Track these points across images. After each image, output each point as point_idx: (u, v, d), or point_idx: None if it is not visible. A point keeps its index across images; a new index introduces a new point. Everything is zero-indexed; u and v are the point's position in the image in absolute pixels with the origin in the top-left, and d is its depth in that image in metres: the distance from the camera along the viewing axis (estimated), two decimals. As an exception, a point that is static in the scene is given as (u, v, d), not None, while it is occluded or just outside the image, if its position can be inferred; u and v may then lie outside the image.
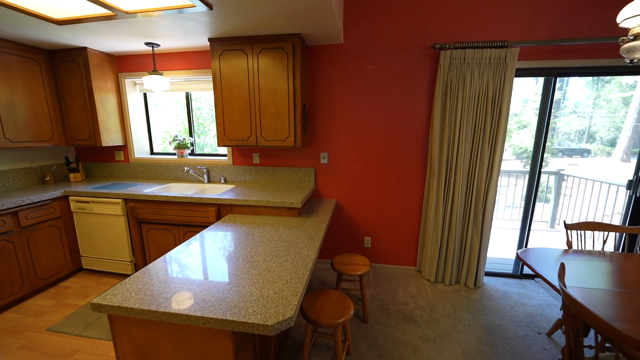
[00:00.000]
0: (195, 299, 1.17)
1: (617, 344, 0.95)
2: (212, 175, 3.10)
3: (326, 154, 2.86)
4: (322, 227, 2.03)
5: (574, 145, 9.51)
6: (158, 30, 2.31)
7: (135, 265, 2.76)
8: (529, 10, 2.32)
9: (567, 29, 2.30)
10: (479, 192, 2.50)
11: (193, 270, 1.41)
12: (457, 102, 2.40)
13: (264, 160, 2.98)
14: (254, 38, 2.38)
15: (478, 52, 2.29)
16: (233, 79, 2.48)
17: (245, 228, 2.00)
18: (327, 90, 2.74)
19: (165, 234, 2.60)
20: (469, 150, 2.47)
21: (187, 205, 2.46)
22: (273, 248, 1.67)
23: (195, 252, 1.61)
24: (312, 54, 2.71)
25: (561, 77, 2.45)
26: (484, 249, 2.60)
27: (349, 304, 1.66)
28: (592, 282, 1.54)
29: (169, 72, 2.97)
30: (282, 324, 1.06)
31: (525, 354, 1.90)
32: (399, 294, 2.57)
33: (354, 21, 2.58)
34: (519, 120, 7.41)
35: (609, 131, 8.93)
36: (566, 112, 8.75)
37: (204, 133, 3.51)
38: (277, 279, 1.33)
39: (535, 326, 2.17)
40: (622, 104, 8.12)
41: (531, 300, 2.49)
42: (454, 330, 2.12)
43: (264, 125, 2.50)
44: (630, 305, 1.33)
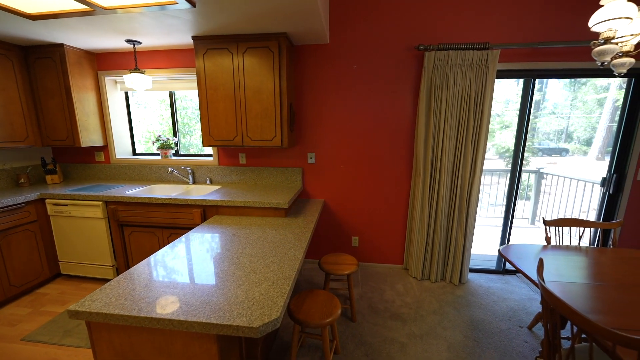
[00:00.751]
0: (179, 303, 1.14)
1: (591, 334, 0.99)
2: (198, 176, 3.04)
3: (313, 154, 2.86)
4: (309, 227, 2.02)
5: (553, 145, 9.89)
6: (139, 28, 2.25)
7: (117, 269, 2.68)
8: (509, 14, 2.39)
9: (545, 33, 2.39)
10: (462, 191, 2.56)
11: (177, 273, 1.38)
12: (441, 102, 2.45)
13: (251, 161, 2.95)
14: (239, 37, 2.35)
15: (461, 54, 2.34)
16: (218, 78, 2.44)
17: (231, 229, 1.97)
18: (314, 90, 2.74)
19: (149, 236, 2.53)
20: (452, 149, 2.52)
21: (171, 206, 2.40)
22: (260, 249, 1.65)
23: (179, 254, 1.58)
24: (298, 54, 2.70)
25: (540, 79, 2.54)
26: (468, 246, 2.67)
27: (336, 304, 1.66)
28: (570, 276, 1.60)
29: (151, 71, 2.89)
30: (268, 325, 1.05)
31: (507, 347, 1.96)
32: (387, 292, 2.59)
33: (340, 21, 2.58)
34: (502, 121, 7.64)
35: (585, 131, 9.33)
36: (546, 113, 9.09)
37: (190, 133, 3.44)
38: (264, 280, 1.32)
39: (517, 320, 2.24)
40: (597, 105, 8.49)
41: (513, 295, 2.57)
42: (440, 326, 2.16)
43: (250, 125, 2.47)
44: (604, 298, 1.39)
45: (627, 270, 1.65)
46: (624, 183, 2.61)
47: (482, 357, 1.88)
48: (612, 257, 1.83)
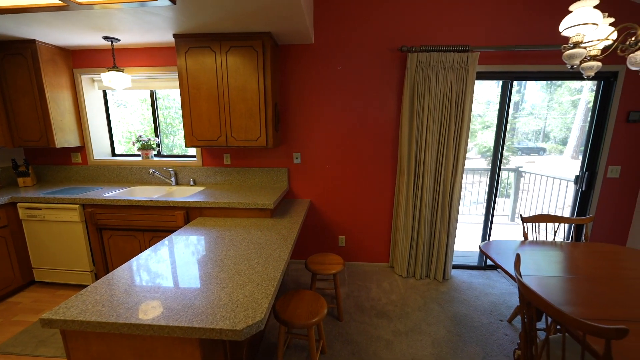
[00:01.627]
0: (160, 308, 1.11)
1: (564, 325, 1.04)
2: (181, 177, 2.97)
3: (299, 154, 2.85)
4: (295, 228, 2.02)
5: (531, 144, 10.28)
6: (117, 24, 2.17)
7: (96, 274, 2.58)
8: (489, 18, 2.47)
9: (522, 36, 2.48)
10: (445, 190, 2.62)
11: (158, 277, 1.34)
12: (424, 103, 2.49)
13: (235, 161, 2.91)
14: (222, 35, 2.32)
15: (442, 56, 2.40)
16: (200, 77, 2.39)
17: (215, 231, 1.94)
18: (299, 90, 2.74)
19: (130, 240, 2.45)
20: (435, 149, 2.58)
21: (153, 209, 2.33)
22: (244, 251, 1.63)
23: (161, 258, 1.54)
24: (283, 54, 2.68)
25: (517, 81, 2.63)
26: (451, 243, 2.73)
27: (322, 304, 1.67)
28: (547, 270, 1.67)
29: (130, 69, 2.80)
30: (252, 327, 1.04)
31: (488, 341, 2.02)
32: (373, 290, 2.62)
33: (324, 22, 2.59)
34: (483, 121, 7.88)
35: (561, 131, 9.75)
36: (525, 114, 9.45)
37: (173, 133, 3.36)
38: (248, 282, 1.31)
39: (498, 314, 2.31)
40: (571, 107, 8.89)
41: (494, 289, 2.65)
42: (424, 322, 2.20)
43: (235, 125, 2.44)
44: (577, 290, 1.46)
45: (598, 264, 1.74)
46: (595, 180, 2.75)
47: (465, 351, 1.93)
48: (584, 251, 1.92)
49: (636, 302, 1.33)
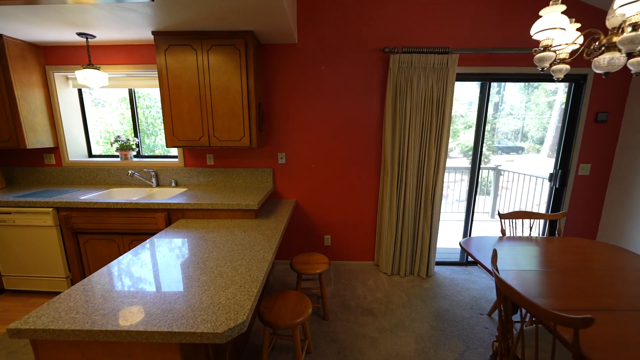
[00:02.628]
0: (139, 313, 1.08)
1: (537, 317, 1.08)
2: (162, 178, 2.89)
3: (284, 154, 2.84)
4: (279, 228, 2.01)
5: (511, 144, 10.67)
6: (92, 20, 2.09)
7: (72, 281, 2.47)
8: (468, 21, 2.54)
9: (499, 39, 2.57)
10: (427, 188, 2.68)
11: (137, 281, 1.30)
12: (406, 103, 2.54)
13: (219, 162, 2.86)
14: (204, 33, 2.27)
15: (423, 57, 2.45)
16: (181, 75, 2.34)
17: (198, 233, 1.90)
18: (283, 89, 2.73)
19: (108, 244, 2.36)
20: (418, 149, 2.63)
21: (133, 211, 2.26)
22: (227, 252, 1.61)
23: (140, 261, 1.49)
24: (266, 53, 2.66)
25: (495, 82, 2.72)
26: (434, 240, 2.80)
27: (307, 303, 1.67)
28: (524, 265, 1.73)
29: (108, 67, 2.70)
30: (234, 330, 1.03)
31: (469, 334, 2.08)
32: (358, 289, 2.65)
33: (308, 22, 2.59)
34: (465, 121, 8.11)
35: (538, 131, 10.18)
36: (504, 114, 9.80)
37: (155, 133, 3.27)
38: (230, 284, 1.29)
39: (479, 308, 2.39)
40: (547, 108, 9.30)
41: (475, 284, 2.74)
42: (408, 319, 2.24)
43: (217, 124, 2.40)
44: (552, 283, 1.53)
45: (570, 257, 1.83)
46: (567, 178, 2.89)
47: (447, 345, 1.98)
48: (558, 246, 2.01)
49: (602, 292, 1.41)
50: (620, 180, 2.79)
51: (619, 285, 1.47)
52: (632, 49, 0.98)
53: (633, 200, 2.68)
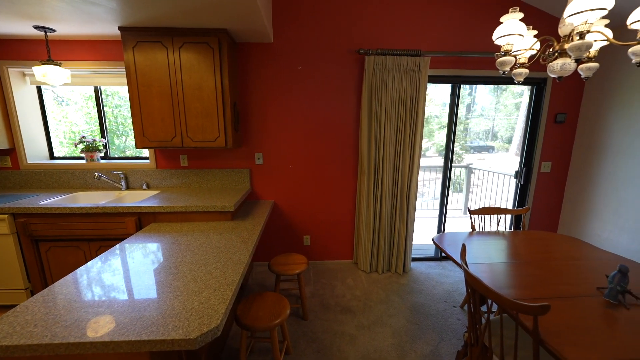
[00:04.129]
0: (104, 322, 1.03)
1: (501, 306, 1.15)
2: (132, 180, 2.76)
3: (261, 155, 2.81)
4: (257, 230, 1.98)
5: (482, 143, 11.20)
6: (50, 13, 1.96)
7: (32, 292, 2.30)
8: (439, 25, 2.63)
9: (467, 43, 2.68)
10: (403, 187, 2.75)
11: (104, 289, 1.24)
12: (382, 104, 2.60)
13: (193, 163, 2.78)
14: (175, 30, 2.20)
15: (397, 59, 2.51)
16: (151, 73, 2.25)
17: (170, 237, 1.84)
18: (259, 89, 2.69)
19: (73, 251, 2.22)
20: (393, 148, 2.70)
21: (100, 216, 2.14)
22: (202, 256, 1.57)
23: (107, 268, 1.42)
24: (241, 52, 2.62)
25: (465, 84, 2.85)
26: (410, 237, 2.88)
27: (285, 304, 1.66)
28: (494, 258, 1.82)
29: (70, 63, 2.54)
30: (207, 335, 1.00)
31: (443, 326, 2.16)
32: (337, 287, 2.67)
33: (284, 22, 2.58)
34: (440, 122, 8.42)
35: (507, 131, 10.76)
36: (476, 115, 10.28)
37: (125, 134, 3.12)
38: (204, 288, 1.26)
39: (452, 301, 2.49)
40: (515, 109, 9.85)
41: (448, 278, 2.85)
42: (386, 314, 2.30)
43: (190, 124, 2.33)
44: (517, 273, 1.62)
45: (534, 249, 1.95)
46: (531, 175, 3.08)
47: (423, 338, 2.05)
48: (522, 239, 2.13)
49: (561, 280, 1.51)
50: (577, 177, 3.02)
51: (575, 274, 1.58)
52: (579, 55, 1.06)
53: (588, 196, 2.91)
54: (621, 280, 1.28)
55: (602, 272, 1.59)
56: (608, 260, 1.74)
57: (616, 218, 2.66)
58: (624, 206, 2.59)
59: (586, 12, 0.99)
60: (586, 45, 1.03)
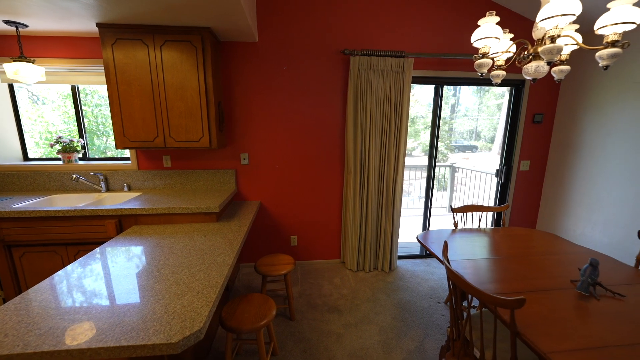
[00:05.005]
0: (82, 329, 0.99)
1: (481, 301, 1.18)
2: (112, 182, 2.68)
3: (247, 155, 2.78)
4: (242, 231, 1.96)
5: (466, 143, 11.49)
6: (22, 8, 1.87)
7: (5, 300, 2.20)
8: (422, 27, 2.68)
9: (449, 45, 2.75)
10: (388, 186, 2.79)
11: (81, 294, 1.20)
12: (367, 104, 2.62)
13: (177, 163, 2.72)
14: (156, 28, 2.15)
15: (381, 60, 2.55)
16: (131, 72, 2.19)
17: (153, 240, 1.79)
18: (244, 88, 2.67)
19: (50, 256, 2.14)
20: (378, 148, 2.73)
21: (78, 219, 2.07)
22: (185, 258, 1.54)
23: (85, 273, 1.37)
24: (226, 51, 2.59)
25: (447, 86, 2.91)
26: (396, 235, 2.92)
27: (271, 305, 1.65)
28: (476, 254, 1.87)
29: (45, 60, 2.44)
30: (190, 339, 0.99)
31: (428, 322, 2.21)
32: (325, 287, 2.68)
33: (269, 21, 2.56)
34: (425, 122, 8.58)
35: (489, 131, 11.08)
36: (460, 115, 10.54)
37: (106, 134, 3.02)
38: (187, 291, 1.24)
39: (436, 297, 2.54)
40: (497, 109, 10.16)
41: (433, 275, 2.91)
42: (372, 312, 2.32)
43: (173, 124, 2.28)
44: (498, 268, 1.67)
45: (513, 245, 2.01)
46: (511, 173, 3.18)
47: (408, 335, 2.08)
48: (503, 235, 2.20)
49: (538, 274, 1.57)
50: (554, 175, 3.14)
51: (551, 268, 1.65)
52: (551, 58, 1.11)
53: (564, 193, 3.04)
54: (592, 273, 1.35)
55: (575, 265, 1.67)
56: (581, 254, 1.82)
57: (589, 214, 2.79)
58: (596, 203, 2.72)
59: (557, 17, 1.04)
60: (557, 49, 1.08)
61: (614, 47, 1.09)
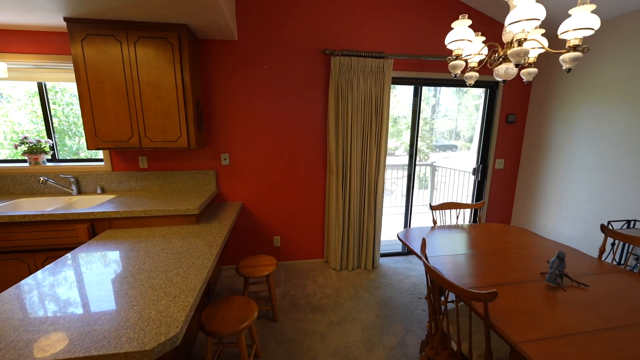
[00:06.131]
0: (48, 340, 0.94)
1: (456, 295, 1.22)
2: (85, 184, 2.56)
3: (227, 155, 2.73)
4: (223, 233, 1.93)
5: (446, 142, 11.83)
6: (-21, -1, 1.75)
7: (-35, 312, 2.05)
8: (401, 29, 2.74)
9: (427, 47, 2.82)
10: (370, 185, 2.83)
11: (47, 303, 1.14)
12: (348, 105, 2.64)
13: (154, 164, 2.64)
14: (129, 24, 2.07)
15: (362, 61, 2.57)
16: (103, 69, 2.10)
17: (128, 244, 1.73)
18: (224, 87, 2.62)
19: (15, 264, 2.01)
20: (360, 148, 2.76)
21: (46, 224, 1.96)
22: (162, 262, 1.49)
23: (52, 280, 1.30)
24: (204, 49, 2.53)
25: (426, 86, 2.99)
26: (378, 234, 2.97)
27: (252, 307, 1.63)
28: (454, 249, 1.92)
29: (7, 55, 2.29)
30: (165, 345, 0.96)
31: (409, 318, 2.26)
32: (308, 286, 2.68)
33: (248, 19, 2.53)
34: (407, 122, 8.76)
35: (468, 130, 11.46)
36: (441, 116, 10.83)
37: (79, 134, 2.87)
38: (163, 296, 1.20)
39: (417, 293, 2.60)
40: (475, 110, 10.53)
41: (414, 272, 2.98)
42: (356, 310, 2.34)
43: (149, 124, 2.21)
44: (475, 263, 1.73)
45: (489, 240, 2.09)
46: (487, 172, 3.31)
47: (390, 331, 2.12)
48: (479, 231, 2.28)
49: (511, 268, 1.64)
50: (526, 172, 3.29)
51: (522, 261, 1.73)
52: (519, 60, 1.16)
53: (536, 190, 3.19)
54: (559, 265, 1.42)
55: (545, 258, 1.75)
56: (551, 248, 1.92)
57: (559, 209, 2.95)
58: (565, 198, 2.87)
59: (523, 21, 1.09)
60: (524, 52, 1.13)
61: (575, 51, 1.16)
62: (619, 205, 2.43)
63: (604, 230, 1.85)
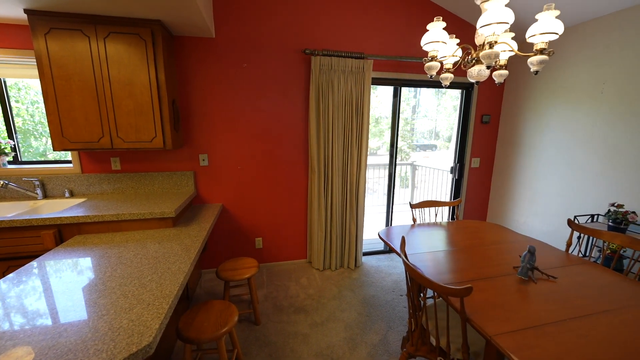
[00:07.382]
0: (4, 358, 0.87)
1: (434, 291, 1.25)
2: (51, 188, 2.41)
3: (206, 156, 2.66)
4: (201, 236, 1.87)
5: (426, 142, 12.13)
6: None
7: None
8: (380, 30, 2.77)
9: (406, 48, 2.87)
10: (352, 185, 2.84)
11: (5, 316, 1.05)
12: (329, 105, 2.64)
13: (128, 166, 2.52)
14: (98, 18, 1.96)
15: (342, 61, 2.58)
16: (70, 65, 1.98)
17: (98, 250, 1.64)
18: (201, 86, 2.55)
19: (-29, 275, 1.86)
20: (341, 148, 2.77)
21: (7, 231, 1.82)
22: (136, 268, 1.43)
23: (11, 291, 1.21)
24: (180, 46, 2.45)
25: (405, 87, 3.04)
26: (360, 233, 2.99)
27: (232, 311, 1.59)
28: (433, 246, 1.97)
29: (-40, 49, 2.12)
30: (137, 355, 0.92)
31: (391, 315, 2.29)
32: (291, 288, 2.66)
33: (226, 16, 2.47)
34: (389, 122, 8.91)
35: (447, 130, 11.81)
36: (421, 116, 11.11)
37: (45, 134, 2.70)
38: (136, 303, 1.15)
39: (399, 290, 2.65)
40: (453, 110, 10.87)
41: (396, 269, 3.03)
42: (339, 309, 2.35)
43: (121, 123, 2.11)
44: (453, 259, 1.77)
45: (466, 236, 2.15)
46: (464, 170, 3.42)
47: (372, 329, 2.14)
48: (456, 227, 2.35)
49: (486, 263, 1.70)
50: (500, 170, 3.43)
51: (497, 256, 1.79)
52: (490, 62, 1.21)
53: (509, 187, 3.33)
54: (530, 259, 1.49)
55: (517, 253, 1.83)
56: (523, 242, 2.00)
57: (531, 205, 3.09)
58: (536, 195, 3.02)
59: (493, 24, 1.13)
60: (494, 54, 1.18)
61: (542, 54, 1.21)
62: (584, 200, 2.58)
63: (570, 224, 1.95)
